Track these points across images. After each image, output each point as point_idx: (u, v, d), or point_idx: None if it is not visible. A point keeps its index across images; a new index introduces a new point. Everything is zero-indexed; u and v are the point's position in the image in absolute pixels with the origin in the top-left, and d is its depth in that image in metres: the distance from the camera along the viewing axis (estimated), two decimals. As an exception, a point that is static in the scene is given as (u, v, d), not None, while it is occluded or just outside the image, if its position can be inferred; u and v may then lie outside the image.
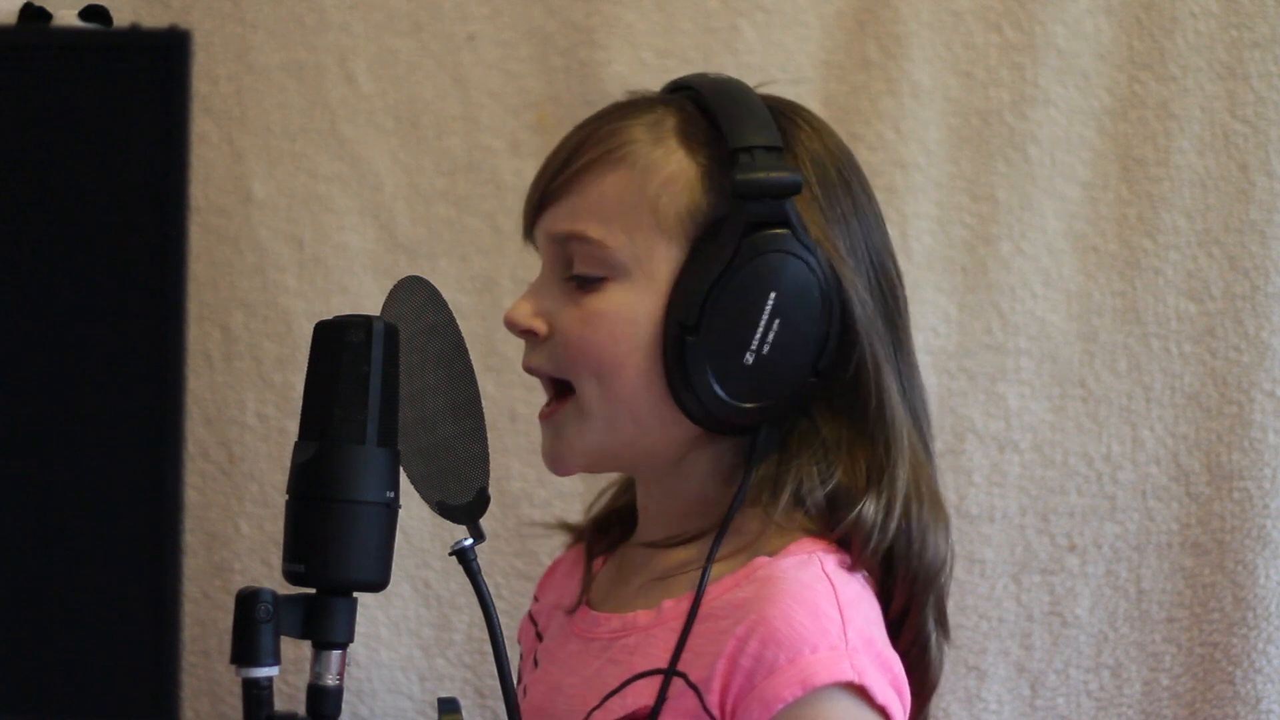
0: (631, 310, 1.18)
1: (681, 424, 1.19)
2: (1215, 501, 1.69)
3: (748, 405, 1.17)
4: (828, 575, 1.16)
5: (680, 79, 1.28)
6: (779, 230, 1.16)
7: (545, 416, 1.24)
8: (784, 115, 1.22)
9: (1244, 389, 1.68)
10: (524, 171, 1.73)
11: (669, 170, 1.19)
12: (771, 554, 1.17)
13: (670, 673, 1.15)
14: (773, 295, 1.16)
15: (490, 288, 1.73)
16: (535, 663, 1.31)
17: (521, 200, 1.27)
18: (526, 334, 1.23)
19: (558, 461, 1.24)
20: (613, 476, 1.36)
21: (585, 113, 1.28)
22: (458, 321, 1.20)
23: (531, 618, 1.37)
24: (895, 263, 1.25)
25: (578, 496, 1.73)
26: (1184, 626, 1.70)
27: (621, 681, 1.18)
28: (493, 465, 1.20)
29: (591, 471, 1.29)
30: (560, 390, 1.23)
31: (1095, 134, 1.70)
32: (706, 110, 1.21)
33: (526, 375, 1.25)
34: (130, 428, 1.52)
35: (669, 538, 1.22)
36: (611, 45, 1.71)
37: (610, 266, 1.19)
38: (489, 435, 1.20)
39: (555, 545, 1.73)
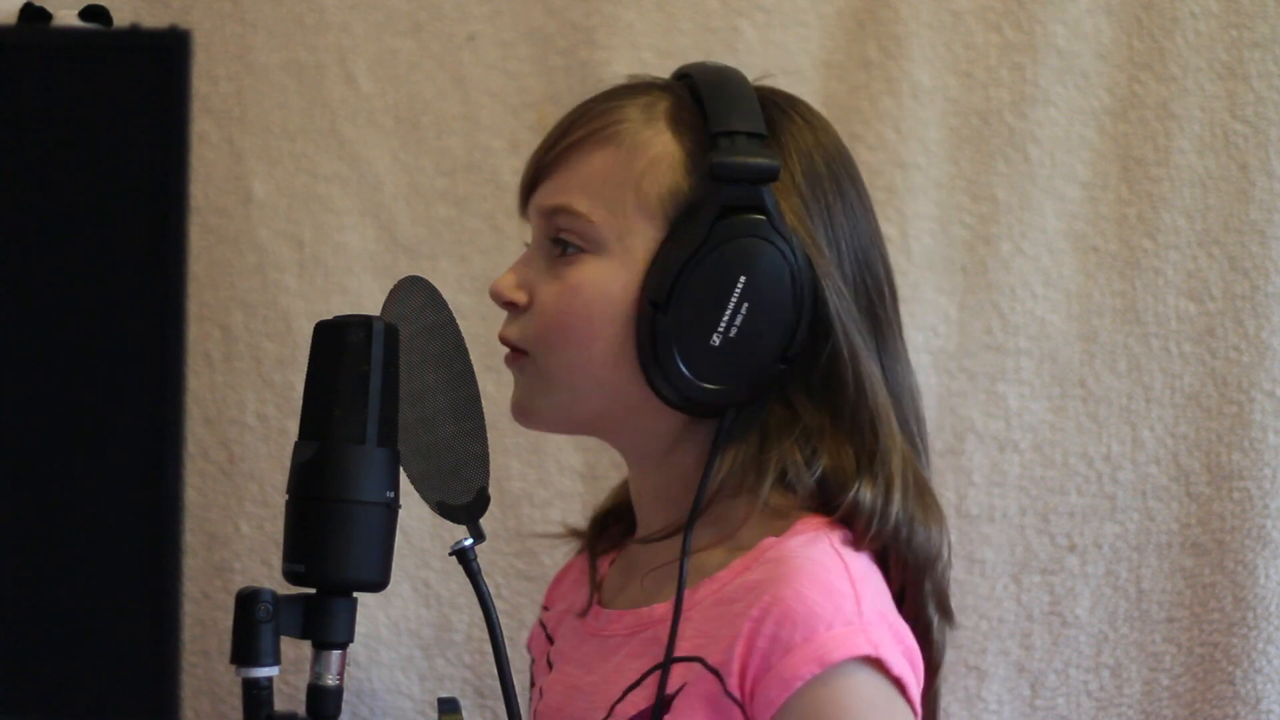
0: (607, 285, 1.19)
1: (658, 408, 1.20)
2: (1215, 501, 1.69)
3: (712, 386, 1.18)
4: (837, 550, 1.17)
5: (683, 66, 1.29)
6: (755, 216, 1.17)
7: (510, 363, 1.26)
8: (777, 106, 1.23)
9: (1244, 389, 1.68)
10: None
11: (655, 151, 1.20)
12: (778, 534, 1.18)
13: (667, 663, 1.16)
14: (742, 279, 1.17)
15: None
16: (550, 665, 1.31)
17: (522, 201, 1.28)
18: (509, 305, 1.24)
19: (523, 414, 1.25)
20: (615, 478, 1.36)
21: (585, 113, 1.28)
22: (458, 321, 1.20)
23: (542, 624, 1.37)
24: (885, 260, 1.25)
25: (578, 497, 1.73)
26: (1184, 626, 1.70)
27: (642, 674, 1.19)
28: (493, 465, 1.20)
29: (563, 433, 1.30)
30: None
31: (1095, 134, 1.70)
32: (698, 96, 1.22)
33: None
34: (130, 428, 1.52)
35: (665, 528, 1.23)
36: (611, 45, 1.71)
37: (592, 241, 1.20)
38: (489, 435, 1.20)
39: (557, 546, 1.73)
